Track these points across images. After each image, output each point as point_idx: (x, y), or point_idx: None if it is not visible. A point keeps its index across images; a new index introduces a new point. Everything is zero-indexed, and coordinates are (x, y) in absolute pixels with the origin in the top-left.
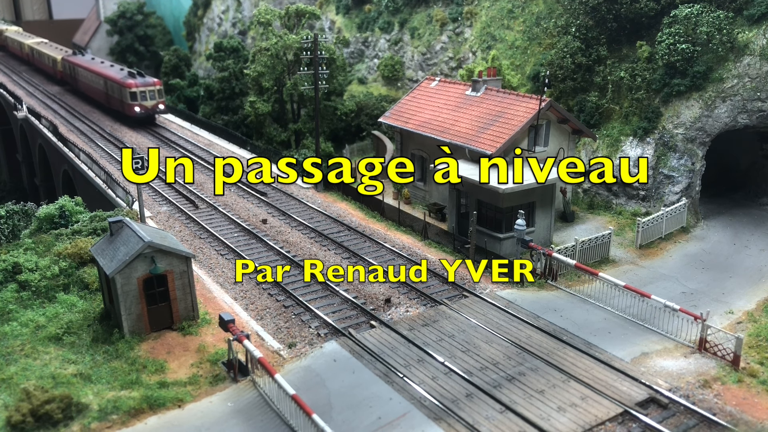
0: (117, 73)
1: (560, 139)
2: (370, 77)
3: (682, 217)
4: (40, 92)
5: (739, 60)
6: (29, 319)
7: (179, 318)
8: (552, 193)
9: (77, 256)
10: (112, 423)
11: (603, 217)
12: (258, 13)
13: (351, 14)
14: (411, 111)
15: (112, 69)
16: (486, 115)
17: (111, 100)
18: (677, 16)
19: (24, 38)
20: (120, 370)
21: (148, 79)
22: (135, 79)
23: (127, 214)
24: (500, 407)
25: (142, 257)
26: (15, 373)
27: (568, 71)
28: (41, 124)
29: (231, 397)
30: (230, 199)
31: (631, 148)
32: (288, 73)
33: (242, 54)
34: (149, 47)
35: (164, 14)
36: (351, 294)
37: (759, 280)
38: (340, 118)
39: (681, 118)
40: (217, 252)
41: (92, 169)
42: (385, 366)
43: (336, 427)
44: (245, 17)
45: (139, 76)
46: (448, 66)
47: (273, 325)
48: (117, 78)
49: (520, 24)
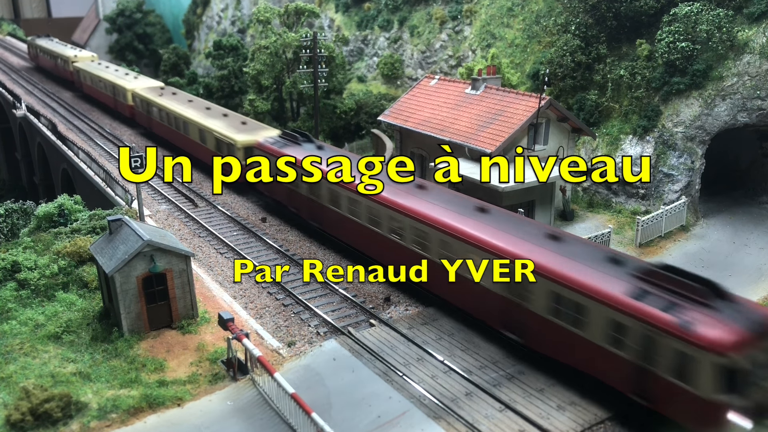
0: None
1: (560, 137)
2: (370, 75)
3: (682, 216)
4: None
5: (738, 58)
6: (28, 317)
7: (178, 317)
8: (552, 192)
9: (76, 255)
10: (111, 422)
11: (603, 216)
12: (257, 11)
13: (350, 12)
14: (410, 109)
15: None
16: (485, 113)
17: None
18: (677, 15)
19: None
20: (119, 369)
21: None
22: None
23: (126, 212)
24: (500, 406)
25: (142, 256)
26: (14, 371)
27: (567, 69)
28: (40, 122)
29: (230, 396)
30: (229, 197)
31: (631, 147)
32: (287, 72)
33: (241, 52)
34: (148, 45)
35: (163, 12)
36: (350, 292)
37: (759, 278)
38: (339, 116)
39: (681, 116)
40: (217, 250)
41: (91, 167)
42: (384, 364)
43: (335, 425)
44: (244, 15)
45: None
46: (448, 64)
47: (272, 323)
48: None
49: (519, 22)
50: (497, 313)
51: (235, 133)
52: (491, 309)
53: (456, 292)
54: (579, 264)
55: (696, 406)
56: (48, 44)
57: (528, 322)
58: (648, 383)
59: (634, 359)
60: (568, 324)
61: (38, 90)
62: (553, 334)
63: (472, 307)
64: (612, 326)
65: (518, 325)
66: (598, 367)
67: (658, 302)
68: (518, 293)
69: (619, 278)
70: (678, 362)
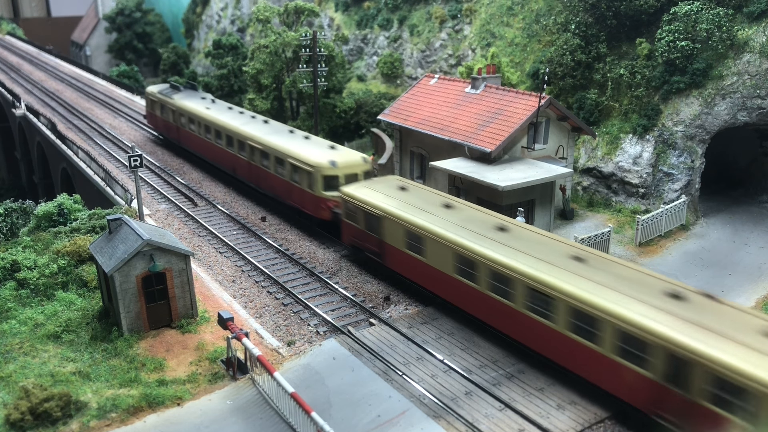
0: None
1: (560, 136)
2: (369, 74)
3: (682, 215)
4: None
5: (738, 57)
6: (28, 317)
7: (178, 316)
8: (551, 191)
9: (76, 254)
10: (111, 421)
11: (602, 215)
12: (257, 10)
13: (350, 11)
14: (410, 108)
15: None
16: (485, 112)
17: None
18: (677, 13)
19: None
20: (119, 368)
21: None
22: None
23: (125, 211)
24: (500, 405)
25: (141, 255)
26: (14, 371)
27: (567, 68)
28: (39, 121)
29: (230, 395)
30: (229, 197)
31: (631, 146)
32: (287, 71)
33: (241, 51)
34: (148, 44)
35: (163, 11)
36: (350, 292)
37: (758, 277)
38: (339, 115)
39: (680, 115)
40: (216, 250)
41: (91, 166)
42: (384, 364)
43: (335, 424)
44: (244, 14)
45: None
46: (448, 63)
47: (272, 322)
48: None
49: (519, 21)
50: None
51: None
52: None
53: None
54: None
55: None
56: (236, 123)
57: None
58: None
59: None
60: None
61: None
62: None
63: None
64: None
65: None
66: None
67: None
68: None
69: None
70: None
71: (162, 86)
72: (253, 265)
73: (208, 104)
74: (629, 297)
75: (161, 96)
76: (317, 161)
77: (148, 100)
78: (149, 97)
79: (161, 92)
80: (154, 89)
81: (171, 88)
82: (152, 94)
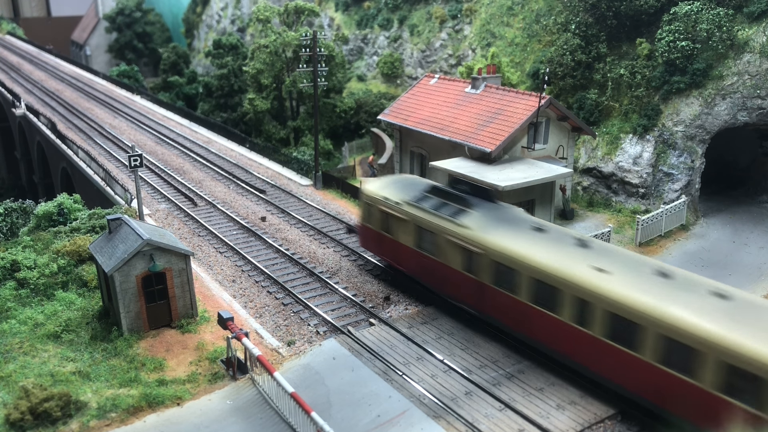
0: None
1: (560, 136)
2: (370, 74)
3: (682, 215)
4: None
5: (738, 57)
6: (28, 316)
7: (178, 316)
8: (552, 191)
9: (76, 254)
10: (110, 421)
11: (602, 215)
12: (257, 10)
13: (350, 11)
14: (410, 108)
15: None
16: (485, 112)
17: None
18: (677, 14)
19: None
20: (119, 368)
21: None
22: None
23: (125, 211)
24: (499, 405)
25: (141, 255)
26: (14, 370)
27: (567, 68)
28: (39, 121)
29: (230, 395)
30: (229, 196)
31: (631, 146)
32: (287, 70)
33: (241, 51)
34: (148, 44)
35: (163, 11)
36: (350, 291)
37: (758, 277)
38: (339, 115)
39: (681, 115)
40: (216, 250)
41: (91, 166)
42: (384, 364)
43: (335, 424)
44: (244, 14)
45: None
46: (448, 63)
47: (272, 322)
48: None
49: (519, 21)
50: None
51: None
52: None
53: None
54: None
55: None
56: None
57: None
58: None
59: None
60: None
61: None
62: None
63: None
64: None
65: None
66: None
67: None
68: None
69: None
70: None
71: (409, 183)
72: (253, 265)
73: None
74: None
75: (430, 216)
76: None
77: (374, 211)
78: (380, 206)
79: (416, 202)
80: (392, 194)
81: (435, 193)
82: (395, 205)
